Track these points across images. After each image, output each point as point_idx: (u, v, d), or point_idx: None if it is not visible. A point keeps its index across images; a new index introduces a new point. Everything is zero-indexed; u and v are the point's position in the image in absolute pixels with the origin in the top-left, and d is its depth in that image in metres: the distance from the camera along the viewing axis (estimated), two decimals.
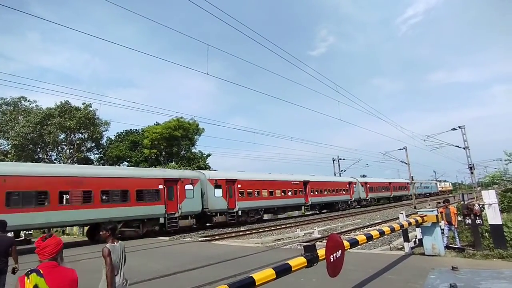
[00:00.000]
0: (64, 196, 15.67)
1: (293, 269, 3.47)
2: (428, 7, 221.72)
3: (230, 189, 24.04)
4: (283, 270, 3.37)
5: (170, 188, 19.77)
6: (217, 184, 23.00)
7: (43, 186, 14.71)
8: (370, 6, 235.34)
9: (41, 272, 2.25)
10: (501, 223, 8.30)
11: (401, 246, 11.62)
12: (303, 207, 33.42)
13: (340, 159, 53.22)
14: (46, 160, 36.80)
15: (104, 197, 16.80)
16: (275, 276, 3.22)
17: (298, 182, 31.23)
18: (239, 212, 24.36)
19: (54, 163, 36.55)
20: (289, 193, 30.10)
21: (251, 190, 25.84)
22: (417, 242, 9.58)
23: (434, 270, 4.12)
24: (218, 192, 22.97)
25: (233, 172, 27.41)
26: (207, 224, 23.32)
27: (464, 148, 31.43)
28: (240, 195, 24.70)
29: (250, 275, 3.03)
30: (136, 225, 17.98)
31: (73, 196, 15.63)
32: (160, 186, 19.11)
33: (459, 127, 31.64)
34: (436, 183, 79.28)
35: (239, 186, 24.81)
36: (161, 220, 18.95)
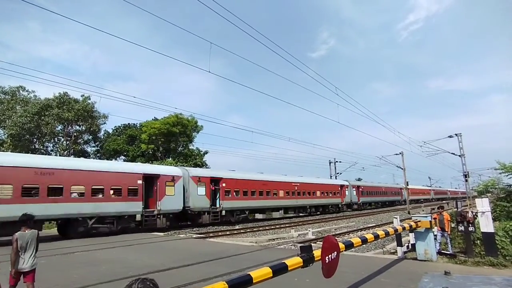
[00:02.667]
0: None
1: (289, 269, 3.53)
2: (429, 14, 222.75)
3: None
4: (279, 269, 3.43)
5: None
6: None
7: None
8: (372, 11, 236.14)
9: None
10: (493, 231, 8.43)
11: (394, 250, 11.76)
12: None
13: (337, 161, 53.50)
14: (42, 151, 36.60)
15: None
16: (271, 275, 3.28)
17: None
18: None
19: (51, 154, 36.39)
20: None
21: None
22: (410, 246, 9.69)
23: (427, 274, 4.22)
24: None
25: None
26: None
27: (459, 156, 31.73)
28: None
29: (248, 273, 3.09)
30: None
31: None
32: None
33: (456, 134, 31.95)
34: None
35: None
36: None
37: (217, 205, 23.60)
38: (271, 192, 28.78)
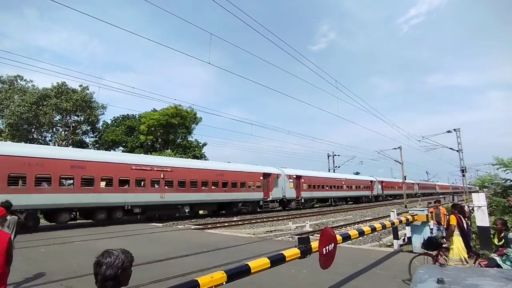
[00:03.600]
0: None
1: (287, 259, 3.58)
2: (431, 8, 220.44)
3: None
4: (277, 260, 3.48)
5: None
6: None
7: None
8: (373, 4, 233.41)
9: None
10: (488, 225, 8.52)
11: (390, 243, 11.90)
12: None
13: (335, 155, 53.68)
14: (40, 141, 36.51)
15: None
16: (269, 265, 3.33)
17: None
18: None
19: (49, 144, 36.29)
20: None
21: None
22: (406, 240, 9.81)
23: (423, 266, 4.28)
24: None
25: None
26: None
27: (457, 151, 31.87)
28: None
29: (246, 263, 3.13)
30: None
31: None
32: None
33: (454, 129, 32.02)
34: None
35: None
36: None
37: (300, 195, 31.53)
38: (333, 186, 37.78)
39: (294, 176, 31.62)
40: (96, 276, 1.54)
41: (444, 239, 5.88)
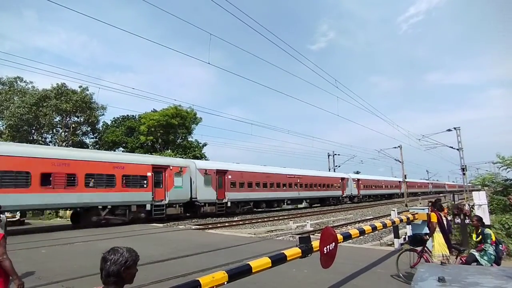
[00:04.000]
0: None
1: (288, 259, 3.58)
2: (430, 6, 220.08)
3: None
4: (278, 259, 3.47)
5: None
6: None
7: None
8: (372, 3, 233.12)
9: None
10: (489, 223, 8.52)
11: (391, 242, 11.91)
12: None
13: (336, 154, 53.67)
14: (41, 142, 36.52)
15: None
16: (270, 265, 3.32)
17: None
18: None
19: (49, 145, 36.32)
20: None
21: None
22: (407, 238, 9.81)
23: (424, 264, 4.28)
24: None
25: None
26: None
27: (457, 150, 31.84)
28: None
29: (247, 263, 3.13)
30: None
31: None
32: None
33: (454, 128, 31.98)
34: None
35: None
36: None
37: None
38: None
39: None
40: (101, 271, 1.65)
41: (427, 236, 6.04)
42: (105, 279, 1.64)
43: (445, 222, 5.93)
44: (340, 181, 40.15)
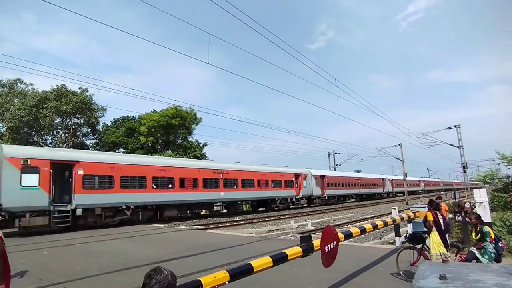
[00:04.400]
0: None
1: (289, 258, 3.58)
2: (429, 4, 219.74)
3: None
4: (279, 259, 3.48)
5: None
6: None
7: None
8: (370, 1, 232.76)
9: None
10: (490, 221, 8.53)
11: (392, 241, 11.90)
12: None
13: (336, 153, 53.65)
14: (41, 144, 36.54)
15: None
16: (272, 264, 3.32)
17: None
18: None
19: (49, 147, 36.34)
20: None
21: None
22: (408, 236, 9.81)
23: (425, 262, 4.28)
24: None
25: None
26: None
27: (458, 147, 31.81)
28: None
29: (248, 262, 3.13)
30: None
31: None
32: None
33: (455, 126, 31.94)
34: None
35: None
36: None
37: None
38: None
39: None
40: (144, 286, 1.70)
41: (425, 234, 6.10)
42: None
43: (441, 221, 5.94)
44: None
